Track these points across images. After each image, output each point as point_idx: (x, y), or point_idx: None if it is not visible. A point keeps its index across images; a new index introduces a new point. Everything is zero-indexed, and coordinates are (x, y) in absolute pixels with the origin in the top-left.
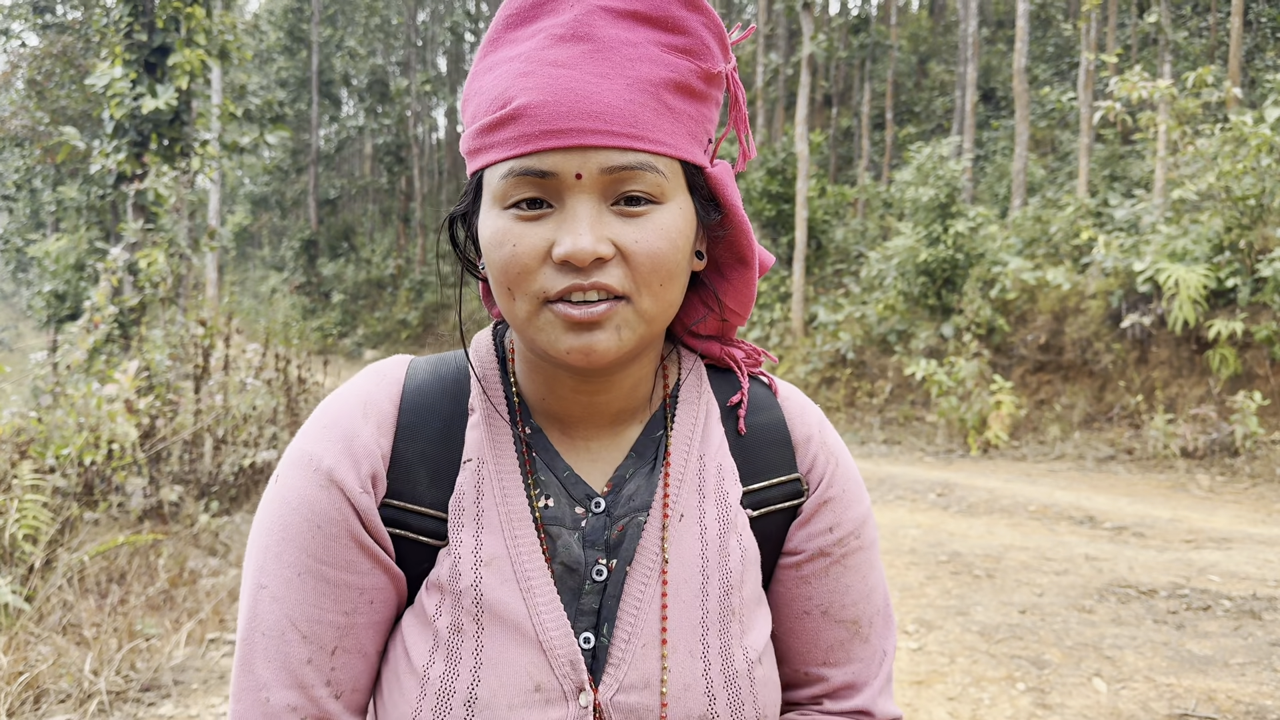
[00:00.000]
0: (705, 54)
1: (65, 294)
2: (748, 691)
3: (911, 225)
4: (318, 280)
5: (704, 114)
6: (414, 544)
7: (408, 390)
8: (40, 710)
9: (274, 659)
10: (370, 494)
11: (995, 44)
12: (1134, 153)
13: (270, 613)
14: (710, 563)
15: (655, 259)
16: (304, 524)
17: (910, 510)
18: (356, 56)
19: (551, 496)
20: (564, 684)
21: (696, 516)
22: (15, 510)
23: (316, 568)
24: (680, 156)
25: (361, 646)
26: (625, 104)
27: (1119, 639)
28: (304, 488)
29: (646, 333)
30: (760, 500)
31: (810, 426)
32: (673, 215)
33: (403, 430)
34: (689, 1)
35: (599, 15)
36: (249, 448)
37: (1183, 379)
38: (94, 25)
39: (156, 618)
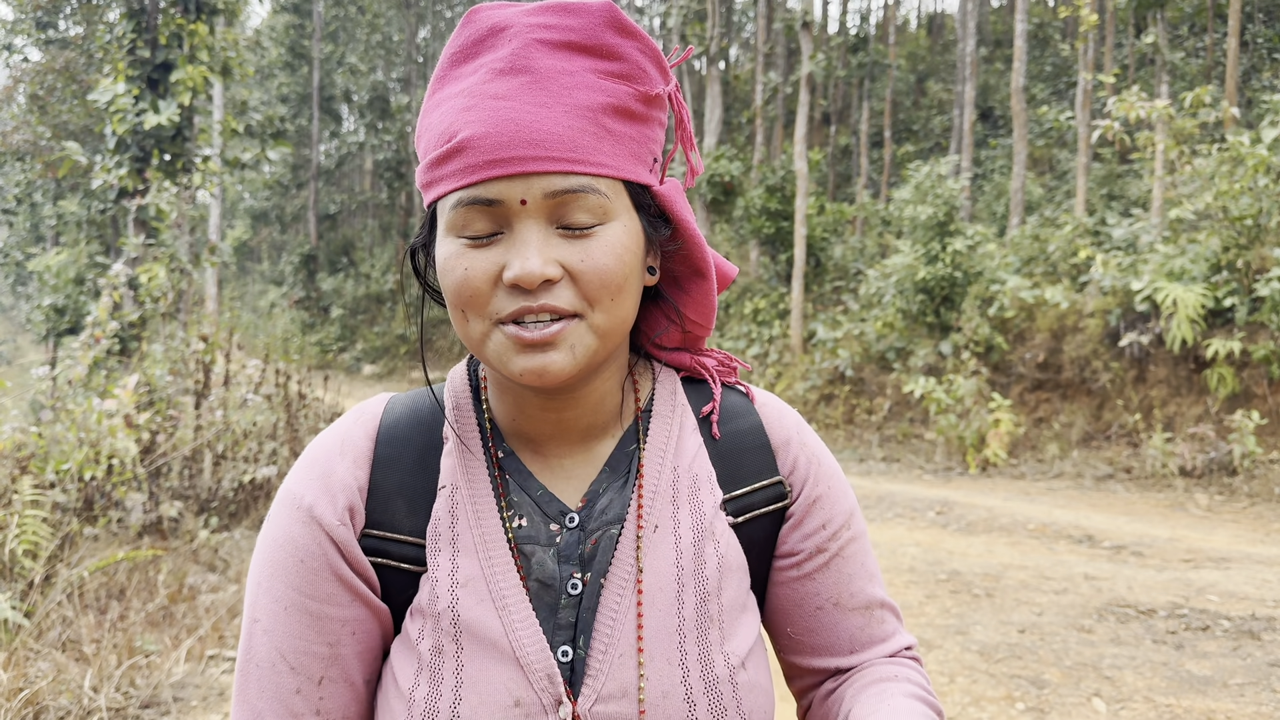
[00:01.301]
0: (642, 78)
1: (65, 308)
2: (730, 697)
3: (910, 243)
4: (317, 295)
5: (646, 135)
6: (396, 571)
7: (384, 425)
8: None
9: (267, 689)
10: (348, 526)
11: (993, 63)
12: (1132, 172)
13: (262, 645)
14: (685, 571)
15: (603, 276)
16: (289, 560)
17: (909, 528)
18: (357, 73)
19: (525, 516)
20: (542, 698)
21: (671, 527)
22: (15, 525)
23: (301, 601)
24: (622, 176)
25: (347, 676)
26: (564, 130)
27: (1118, 659)
28: (288, 525)
29: (600, 348)
30: (743, 506)
31: (788, 430)
32: (617, 233)
33: (379, 462)
34: (622, 28)
35: (536, 48)
36: (249, 463)
37: (1181, 398)
38: (97, 41)
39: (156, 634)
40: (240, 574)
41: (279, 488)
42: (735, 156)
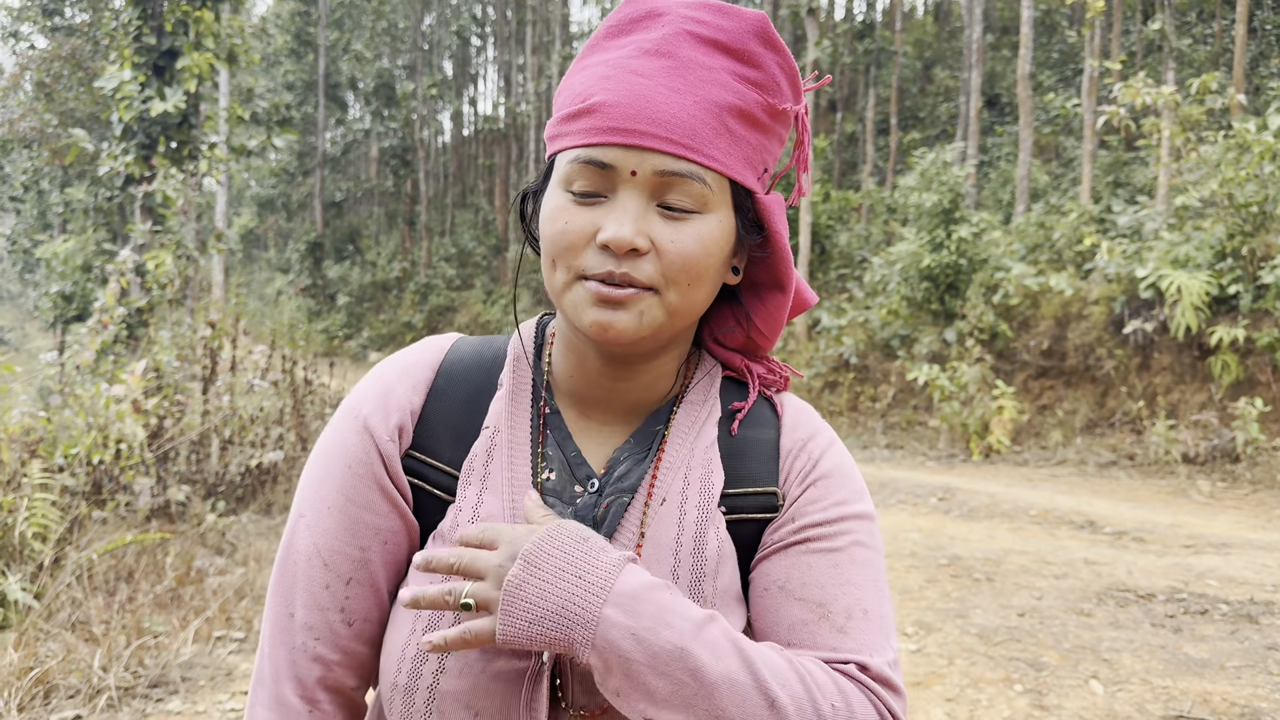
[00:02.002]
0: (774, 90)
1: (72, 295)
2: None
3: (915, 231)
4: (323, 282)
5: (764, 144)
6: (430, 496)
7: (448, 359)
8: (50, 705)
9: (300, 580)
10: (395, 442)
11: (1000, 50)
12: (1138, 159)
13: (303, 539)
14: (684, 547)
15: (686, 260)
16: (340, 464)
17: (911, 514)
18: (363, 60)
19: (555, 471)
20: None
21: (678, 503)
22: (25, 509)
23: (343, 503)
24: (730, 175)
25: (373, 581)
26: (688, 118)
27: (1116, 642)
28: (345, 432)
29: (666, 324)
30: (736, 505)
31: (799, 441)
32: (710, 225)
33: (435, 392)
34: (767, 40)
35: (684, 38)
36: (255, 448)
37: (1184, 385)
38: (103, 28)
39: (164, 615)
40: (247, 558)
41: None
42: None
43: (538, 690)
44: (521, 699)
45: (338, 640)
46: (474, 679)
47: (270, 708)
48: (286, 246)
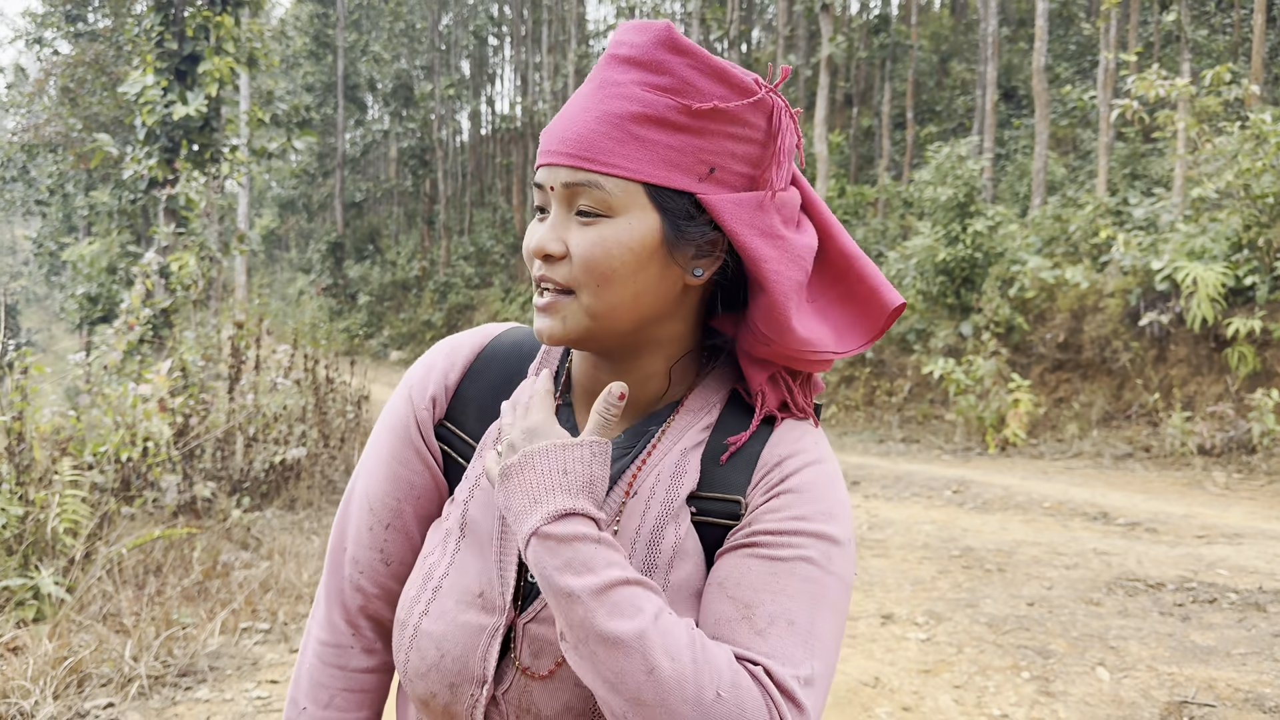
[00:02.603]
0: (687, 91)
1: (98, 297)
2: None
3: (930, 225)
4: (344, 282)
5: (695, 144)
6: (455, 464)
7: (491, 345)
8: (84, 693)
9: (352, 520)
10: (429, 410)
11: (1016, 43)
12: (1155, 151)
13: (359, 486)
14: (641, 539)
15: (588, 262)
16: (389, 424)
17: (925, 507)
18: (381, 61)
19: None
20: (498, 599)
21: (646, 497)
22: (56, 505)
23: (388, 458)
24: (637, 179)
25: (407, 528)
26: (587, 132)
27: (1124, 630)
28: (397, 398)
29: (593, 327)
30: (703, 508)
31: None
32: (616, 229)
33: (472, 372)
34: (672, 46)
35: (608, 61)
36: (279, 445)
37: (1201, 377)
38: (125, 34)
39: (192, 607)
40: (271, 552)
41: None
42: None
43: (493, 645)
44: (479, 649)
45: (376, 576)
46: (446, 624)
47: (323, 627)
48: (308, 247)
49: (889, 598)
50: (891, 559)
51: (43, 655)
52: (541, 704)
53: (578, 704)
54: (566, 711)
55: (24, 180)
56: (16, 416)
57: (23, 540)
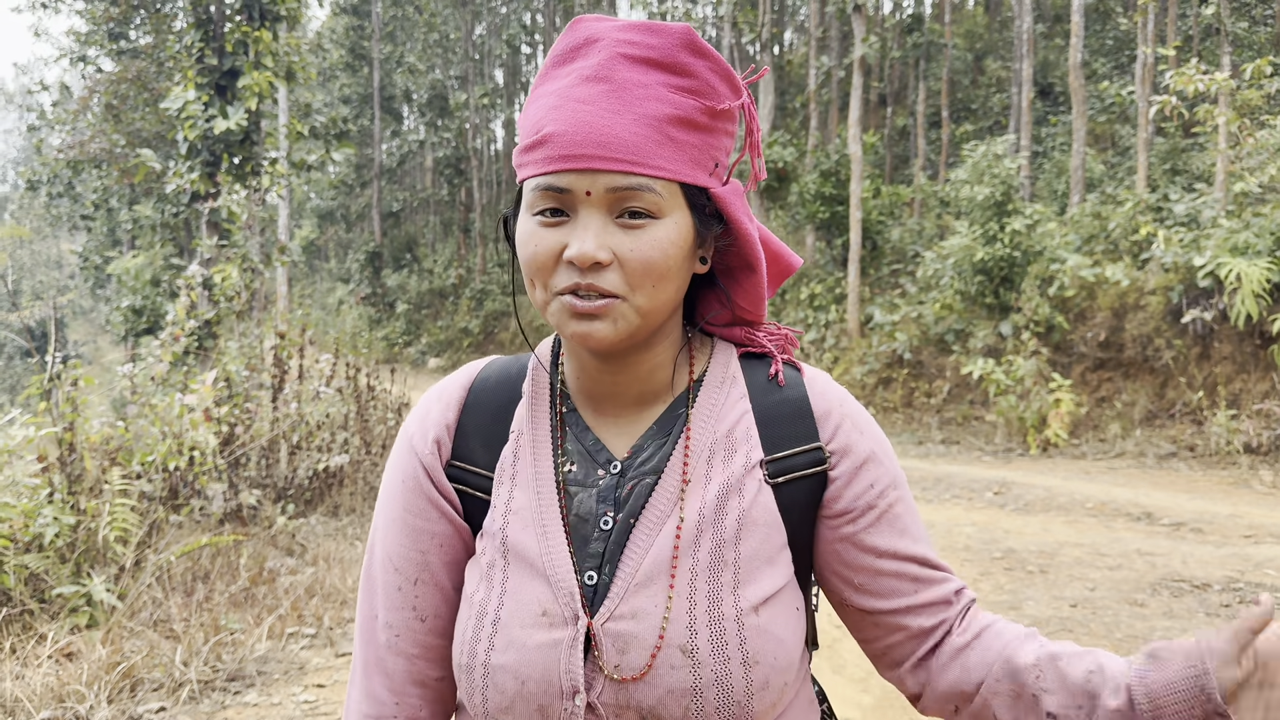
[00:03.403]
0: (710, 94)
1: (143, 309)
2: (734, 634)
3: (968, 224)
4: (383, 291)
5: (710, 143)
6: (472, 498)
7: (478, 378)
8: (136, 697)
9: (379, 585)
10: (435, 455)
11: (1053, 39)
12: (1196, 145)
13: (379, 549)
14: (705, 520)
15: (647, 265)
16: (397, 480)
17: (966, 509)
18: (416, 72)
19: (575, 463)
20: (564, 611)
21: (702, 482)
22: (107, 514)
23: (403, 515)
24: (679, 179)
25: (436, 580)
26: (630, 135)
27: (1169, 631)
28: (398, 454)
29: (641, 325)
30: (783, 468)
31: (830, 402)
32: (666, 229)
33: (467, 407)
34: (695, 49)
35: (619, 61)
36: (322, 453)
37: (1246, 374)
38: (166, 50)
39: (239, 613)
40: (316, 558)
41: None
42: (789, 142)
43: (574, 656)
44: (560, 664)
45: (415, 635)
46: (518, 652)
47: (363, 700)
48: (347, 257)
49: None
50: None
51: (96, 660)
52: (641, 695)
53: (682, 684)
54: (670, 695)
55: (70, 196)
56: (68, 427)
57: (75, 548)
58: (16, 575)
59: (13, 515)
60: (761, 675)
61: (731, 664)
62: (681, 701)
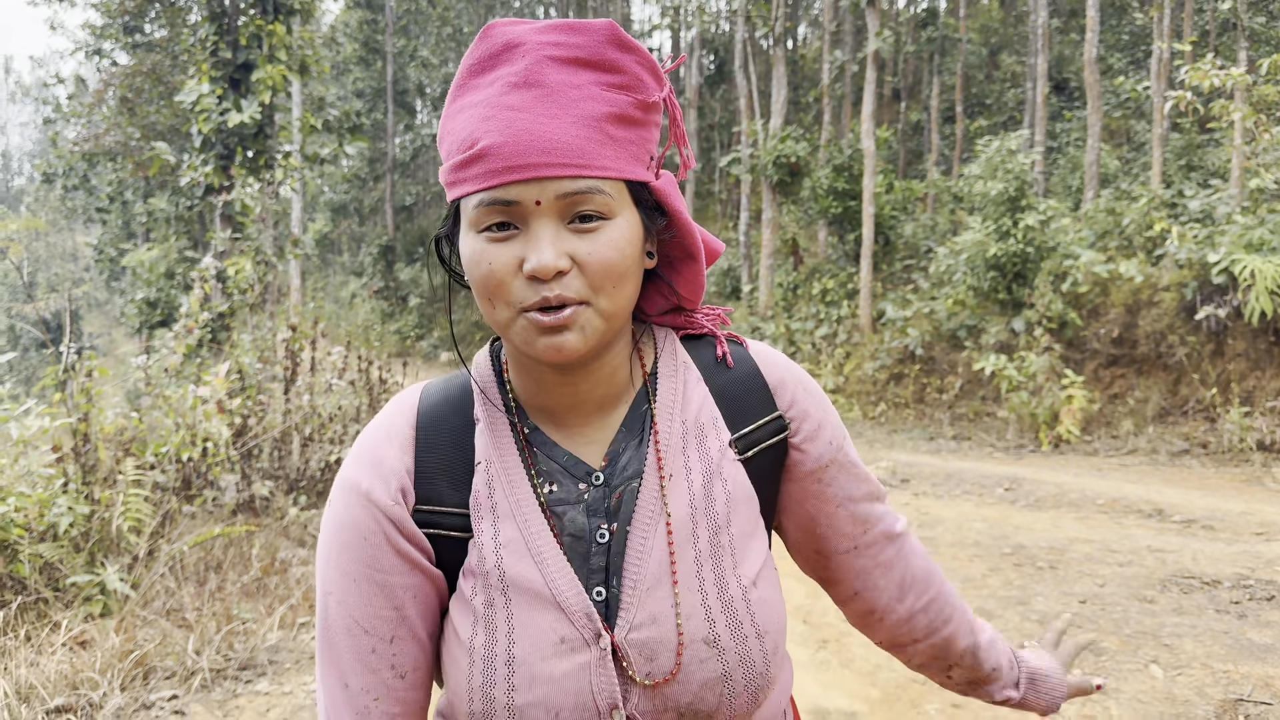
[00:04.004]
0: (640, 87)
1: (157, 301)
2: (744, 612)
3: (981, 220)
4: (395, 285)
5: (644, 137)
6: (447, 539)
7: (421, 411)
8: (149, 685)
9: (345, 653)
10: (401, 505)
11: (1068, 34)
12: (1212, 141)
13: (337, 614)
14: (698, 510)
15: (606, 266)
16: (353, 538)
17: (977, 505)
18: (429, 66)
19: (555, 482)
20: (583, 633)
21: (684, 474)
22: (120, 504)
23: (368, 573)
24: (624, 177)
25: (414, 633)
26: (573, 138)
27: (1179, 628)
28: (350, 508)
29: (607, 329)
30: (750, 442)
31: (781, 371)
32: (620, 228)
33: (420, 446)
34: (621, 44)
35: (546, 64)
36: (334, 445)
37: (1260, 371)
38: (181, 44)
39: (251, 603)
40: None
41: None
42: (802, 137)
43: (604, 672)
44: (592, 686)
45: (395, 693)
46: (545, 686)
47: None
48: (359, 250)
49: None
50: (941, 557)
51: (110, 649)
52: (677, 694)
53: (714, 673)
54: (705, 687)
55: (85, 188)
56: (82, 418)
57: (89, 538)
58: (31, 564)
59: (28, 505)
60: (773, 642)
61: (749, 641)
62: (715, 690)
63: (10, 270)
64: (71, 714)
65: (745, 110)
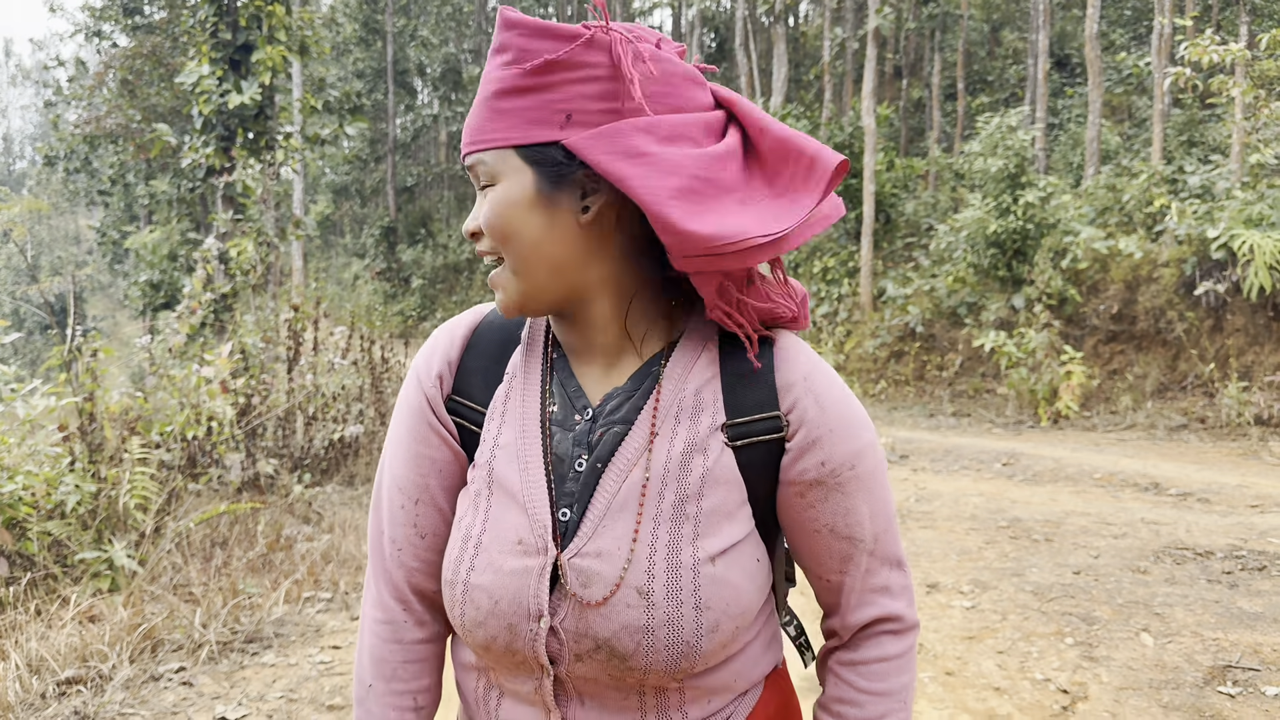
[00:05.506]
0: (525, 55)
1: (160, 283)
2: (689, 580)
3: (981, 197)
4: (397, 266)
5: (546, 100)
6: (469, 433)
7: (484, 321)
8: (157, 658)
9: (385, 503)
10: (437, 389)
11: (1070, 10)
12: (1213, 117)
13: (386, 471)
14: (670, 474)
15: (489, 224)
16: (405, 410)
17: (974, 479)
18: (430, 46)
19: (558, 405)
20: (537, 542)
21: (669, 437)
22: (127, 482)
23: (408, 439)
24: (508, 144)
25: (435, 502)
26: (473, 120)
27: (1170, 597)
28: (408, 385)
29: (524, 286)
30: (742, 433)
31: (795, 373)
32: (499, 191)
33: (469, 348)
34: (508, 24)
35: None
36: (337, 423)
37: (1258, 346)
38: (181, 25)
39: (257, 578)
40: (332, 525)
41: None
42: (803, 114)
43: (542, 583)
44: (530, 588)
45: (415, 550)
46: (494, 574)
47: (375, 606)
48: (361, 232)
49: (935, 567)
50: (938, 530)
51: (118, 623)
52: (598, 626)
53: (636, 621)
54: (624, 630)
55: (87, 171)
56: (88, 398)
57: (96, 515)
58: (40, 541)
59: (35, 483)
60: (712, 619)
61: (684, 608)
62: (634, 637)
63: (14, 253)
64: (82, 685)
65: (746, 88)
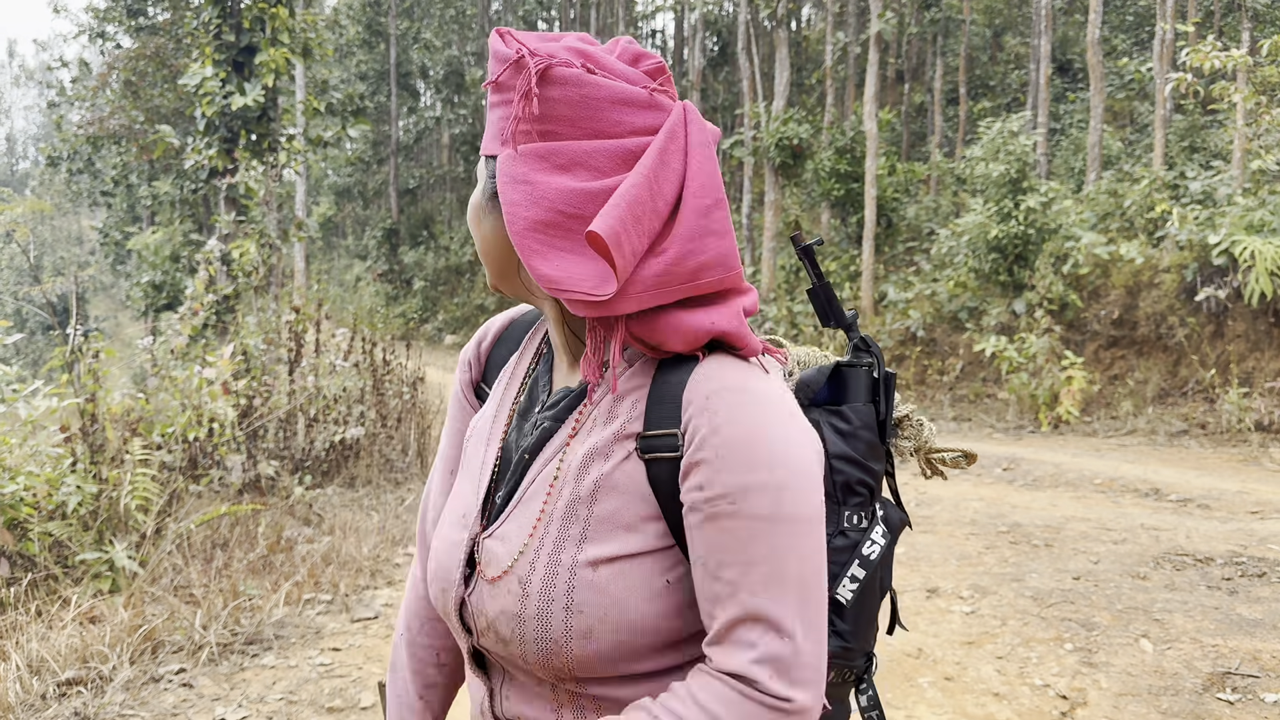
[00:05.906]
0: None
1: (162, 284)
2: (564, 580)
3: (982, 201)
4: (399, 268)
5: (495, 117)
6: None
7: (521, 316)
8: (158, 659)
9: (434, 473)
10: (467, 373)
11: (1072, 15)
12: (1215, 123)
13: (441, 442)
14: (567, 475)
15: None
16: (454, 392)
17: (975, 484)
18: (433, 48)
19: (527, 395)
20: (469, 517)
21: (584, 439)
22: (128, 483)
23: (454, 408)
24: (484, 153)
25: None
26: None
27: (1170, 603)
28: (458, 368)
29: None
30: (650, 446)
31: (699, 391)
32: (474, 192)
33: (500, 341)
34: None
35: None
36: (339, 425)
37: (1259, 352)
38: (184, 27)
39: (257, 580)
40: (333, 527)
41: None
42: (805, 119)
43: (461, 556)
44: (455, 560)
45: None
46: (440, 541)
47: (417, 564)
48: (364, 234)
49: (934, 572)
50: (938, 535)
51: (119, 624)
52: (487, 605)
53: (512, 608)
54: (502, 614)
55: (90, 172)
56: (89, 399)
57: (97, 516)
58: (41, 542)
59: (37, 484)
60: (584, 624)
61: (554, 606)
62: (510, 624)
63: (17, 253)
64: (82, 686)
65: (748, 92)
